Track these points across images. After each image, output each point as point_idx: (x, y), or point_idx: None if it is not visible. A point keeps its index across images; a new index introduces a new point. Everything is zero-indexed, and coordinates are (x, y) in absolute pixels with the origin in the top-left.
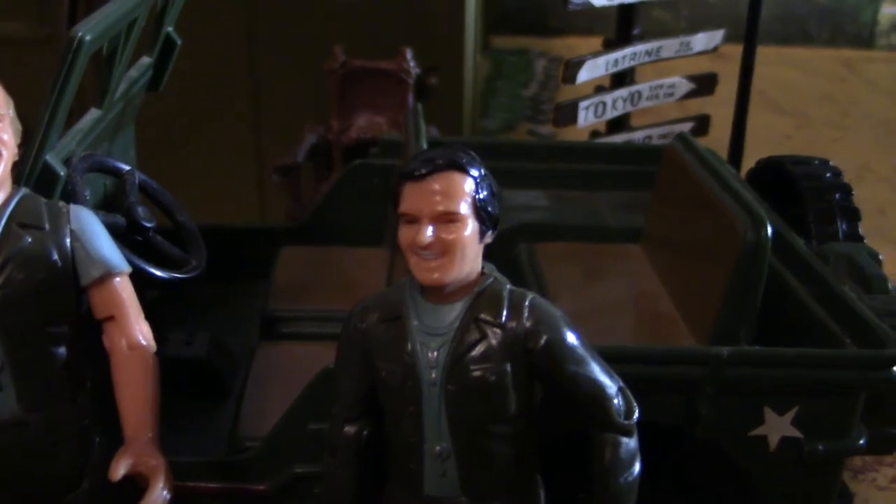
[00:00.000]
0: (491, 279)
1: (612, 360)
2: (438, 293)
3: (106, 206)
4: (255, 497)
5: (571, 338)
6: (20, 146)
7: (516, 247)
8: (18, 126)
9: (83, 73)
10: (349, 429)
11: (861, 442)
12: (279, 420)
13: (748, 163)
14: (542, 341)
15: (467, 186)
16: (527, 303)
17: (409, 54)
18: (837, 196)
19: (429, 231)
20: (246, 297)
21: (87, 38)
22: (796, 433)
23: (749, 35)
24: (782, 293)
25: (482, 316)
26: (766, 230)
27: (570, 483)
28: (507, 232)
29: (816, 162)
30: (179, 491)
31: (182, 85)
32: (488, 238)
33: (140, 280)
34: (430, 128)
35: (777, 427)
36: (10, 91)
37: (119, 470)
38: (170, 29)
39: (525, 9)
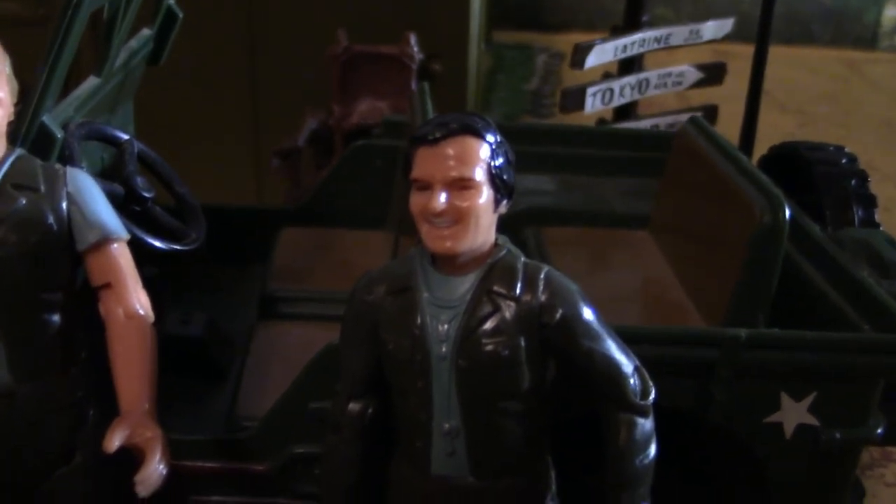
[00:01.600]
0: (505, 251)
1: (626, 339)
2: (450, 264)
3: (104, 177)
4: (254, 476)
5: (588, 313)
6: (16, 104)
7: (523, 231)
8: (15, 84)
9: (81, 35)
10: (354, 406)
11: (878, 431)
12: (279, 399)
13: (754, 159)
14: (558, 315)
15: (482, 152)
16: (542, 276)
17: (412, 39)
18: (853, 182)
19: (442, 197)
20: (245, 278)
21: None
22: (813, 420)
23: (762, 30)
24: (798, 278)
25: (495, 288)
26: (784, 212)
27: (582, 465)
28: (514, 216)
29: (832, 148)
30: (177, 470)
31: (182, 66)
32: (503, 208)
33: (138, 253)
34: (436, 111)
35: (793, 413)
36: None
37: (114, 441)
38: (171, 1)
39: (526, 4)
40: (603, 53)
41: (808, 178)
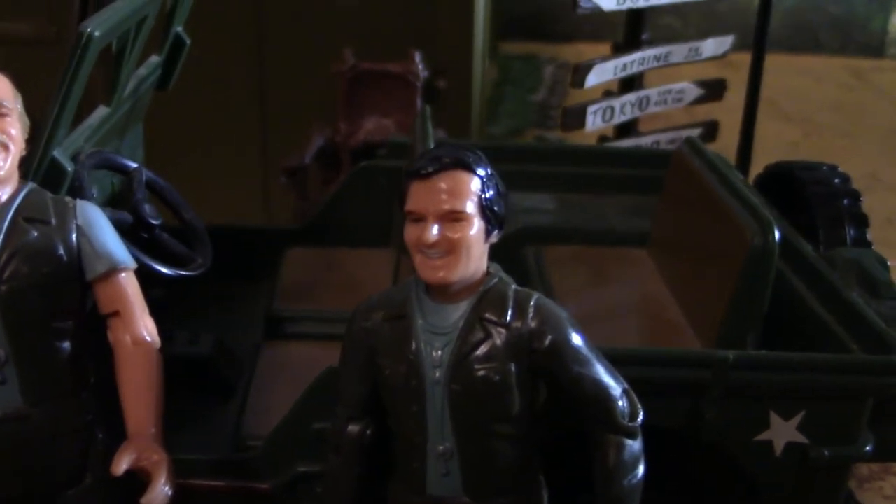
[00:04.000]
0: (496, 279)
1: (616, 362)
2: (443, 292)
3: (113, 203)
4: (258, 495)
5: (576, 339)
6: (28, 141)
7: (523, 250)
8: (26, 121)
9: (91, 70)
10: (353, 428)
11: (867, 448)
12: (283, 419)
13: (756, 170)
14: (547, 341)
15: (474, 185)
16: (532, 303)
17: (417, 57)
18: (846, 202)
19: (434, 230)
20: (251, 297)
21: (97, 33)
22: (802, 439)
23: (758, 40)
24: (789, 298)
25: (487, 315)
26: (774, 235)
27: (574, 485)
28: (513, 235)
29: (825, 167)
30: (183, 488)
31: (190, 85)
32: (494, 238)
33: (146, 277)
34: (438, 131)
35: (783, 432)
36: (20, 90)
37: (121, 465)
38: (179, 28)
39: (533, 14)
40: (603, 73)
41: (801, 197)
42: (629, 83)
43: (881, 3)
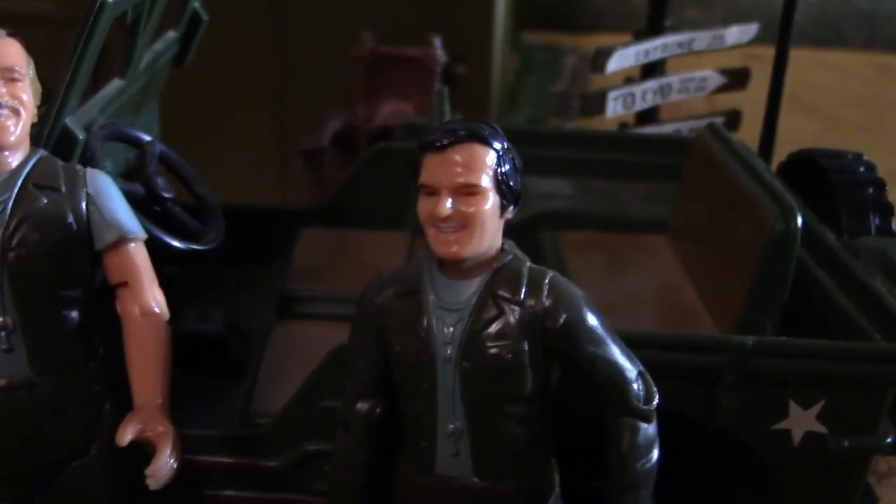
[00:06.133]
0: (510, 256)
1: (632, 345)
2: (456, 268)
3: (126, 176)
4: (265, 472)
5: (592, 318)
6: (40, 107)
7: (540, 234)
8: (38, 87)
9: (105, 38)
10: (362, 405)
11: (889, 440)
12: (292, 397)
13: (777, 163)
14: (561, 320)
15: (489, 159)
16: (546, 281)
17: (436, 42)
18: (871, 190)
19: (448, 203)
20: (265, 277)
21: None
22: (821, 428)
23: (783, 30)
24: (810, 286)
25: (500, 292)
26: (796, 221)
27: (586, 470)
28: (530, 219)
29: (850, 156)
30: (191, 464)
31: (208, 65)
32: (509, 214)
33: (159, 254)
34: (456, 115)
35: (801, 421)
36: (39, 70)
37: (126, 435)
38: (196, 4)
39: (556, 4)
40: (624, 58)
41: (825, 185)
42: (650, 70)
43: None
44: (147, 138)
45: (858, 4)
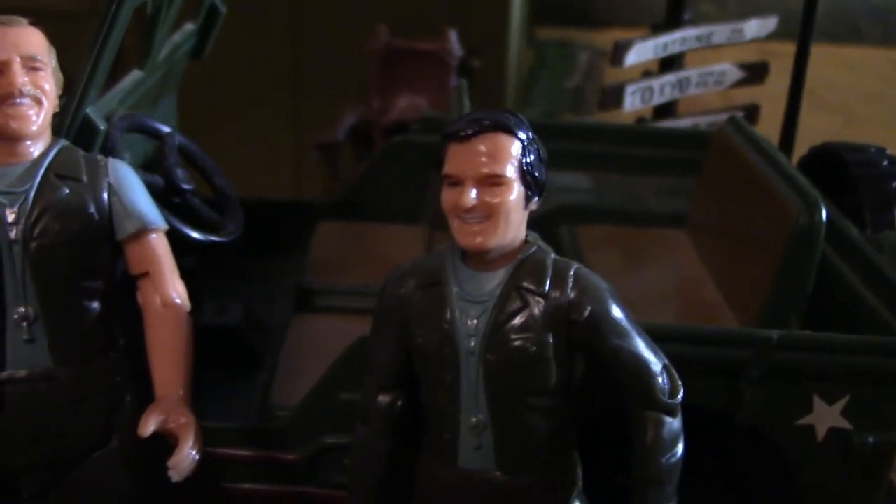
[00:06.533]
0: (535, 248)
1: (656, 338)
2: (480, 259)
3: (145, 168)
4: (284, 465)
5: (617, 311)
6: (61, 97)
7: (558, 228)
8: (60, 76)
9: (125, 29)
10: (383, 398)
11: None
12: (311, 389)
13: (796, 159)
14: (587, 313)
15: (514, 149)
16: (571, 273)
17: (452, 36)
18: (894, 184)
19: (472, 193)
20: (282, 270)
21: None
22: (845, 424)
23: (805, 24)
24: (834, 280)
25: (525, 284)
26: (821, 213)
27: (609, 463)
28: (549, 213)
29: (873, 149)
30: (209, 457)
31: (225, 58)
32: (534, 205)
33: (178, 245)
34: (473, 108)
35: (825, 417)
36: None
37: (148, 426)
38: None
39: (570, 0)
40: (643, 51)
41: (848, 179)
42: (668, 65)
43: None
44: (166, 130)
45: (874, 0)
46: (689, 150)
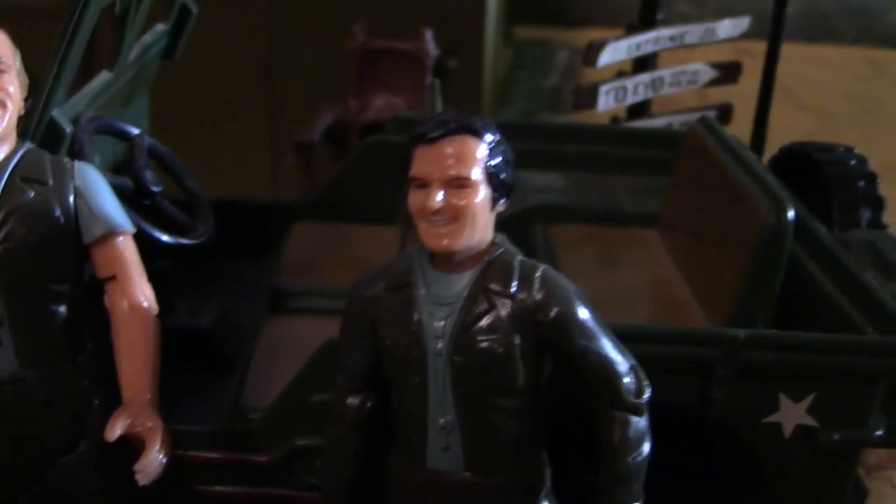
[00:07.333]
0: (502, 249)
1: (624, 338)
2: (448, 261)
3: (114, 170)
4: (256, 467)
5: (583, 312)
6: (26, 98)
7: (531, 228)
8: (25, 78)
9: (92, 29)
10: (353, 400)
11: (879, 432)
12: (282, 391)
13: (764, 158)
14: (553, 314)
15: (480, 151)
16: (538, 274)
17: (428, 36)
18: (861, 184)
19: (439, 196)
20: (256, 271)
21: None
22: (812, 421)
23: (775, 23)
24: (802, 279)
25: (491, 286)
26: (788, 213)
27: (577, 463)
28: (522, 213)
29: (841, 149)
30: (180, 459)
31: (198, 58)
32: (500, 206)
33: (149, 248)
34: (448, 108)
35: (792, 414)
36: (28, 61)
37: (115, 430)
38: None
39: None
40: (617, 51)
41: (817, 178)
42: (642, 64)
43: None
44: (136, 132)
45: (850, 0)
46: (662, 150)
